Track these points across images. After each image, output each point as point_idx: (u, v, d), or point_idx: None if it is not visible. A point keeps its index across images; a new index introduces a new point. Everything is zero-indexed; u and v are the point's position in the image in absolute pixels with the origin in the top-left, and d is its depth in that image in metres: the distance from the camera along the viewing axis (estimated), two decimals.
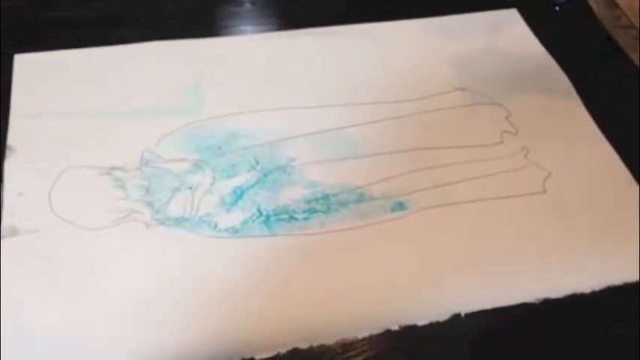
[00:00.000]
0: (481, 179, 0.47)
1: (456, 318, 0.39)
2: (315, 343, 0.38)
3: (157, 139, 0.47)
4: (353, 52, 0.56)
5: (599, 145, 0.51)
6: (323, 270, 0.41)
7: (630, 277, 0.42)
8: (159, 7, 0.59)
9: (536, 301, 0.40)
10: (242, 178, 0.45)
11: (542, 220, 0.45)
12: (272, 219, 0.43)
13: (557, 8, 0.60)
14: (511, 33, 0.60)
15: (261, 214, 0.44)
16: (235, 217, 0.43)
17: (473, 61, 0.57)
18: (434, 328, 0.39)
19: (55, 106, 0.48)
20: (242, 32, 0.58)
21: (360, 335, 0.38)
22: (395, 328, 0.39)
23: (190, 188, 0.45)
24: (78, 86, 0.50)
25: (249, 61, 0.54)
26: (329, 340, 0.38)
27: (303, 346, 0.37)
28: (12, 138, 0.46)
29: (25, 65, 0.51)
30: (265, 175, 0.46)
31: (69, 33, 0.55)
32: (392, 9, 0.60)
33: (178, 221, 0.43)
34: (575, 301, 0.41)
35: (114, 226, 0.42)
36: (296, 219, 0.44)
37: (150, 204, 0.43)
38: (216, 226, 0.43)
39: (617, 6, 0.64)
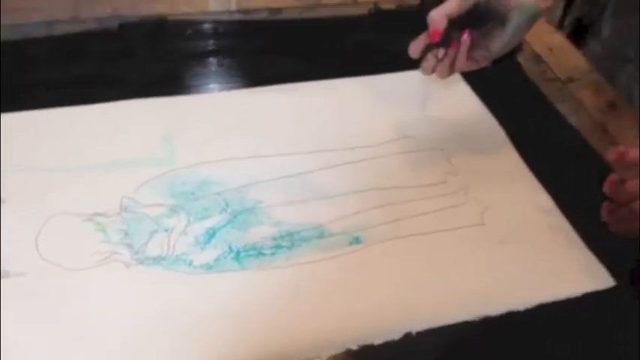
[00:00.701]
0: (427, 214, 0.53)
1: (408, 336, 0.44)
2: None
3: (135, 188, 0.52)
4: (313, 106, 0.63)
5: (528, 181, 0.58)
6: (289, 299, 0.46)
7: (557, 295, 0.48)
8: (130, 69, 0.65)
9: (477, 319, 0.46)
10: (214, 220, 0.50)
11: (482, 248, 0.51)
12: (242, 255, 0.48)
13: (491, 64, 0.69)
14: (449, 87, 0.67)
15: (232, 251, 0.48)
16: (209, 255, 0.48)
17: (417, 113, 0.64)
18: (389, 346, 0.44)
19: (40, 161, 0.53)
20: (210, 90, 0.64)
21: (324, 355, 0.43)
22: (355, 347, 0.43)
23: (166, 230, 0.49)
24: (60, 142, 0.55)
25: (217, 115, 0.60)
26: None
27: None
28: (2, 190, 0.50)
29: (11, 124, 0.56)
30: (235, 217, 0.51)
31: (48, 94, 0.60)
32: (344, 68, 0.67)
33: (156, 260, 0.47)
34: (510, 318, 0.46)
35: (97, 266, 0.46)
36: (264, 254, 0.49)
37: (129, 246, 0.48)
38: (191, 263, 0.47)
39: (542, 61, 0.73)
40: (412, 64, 0.68)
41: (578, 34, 0.86)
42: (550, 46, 0.75)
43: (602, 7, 0.83)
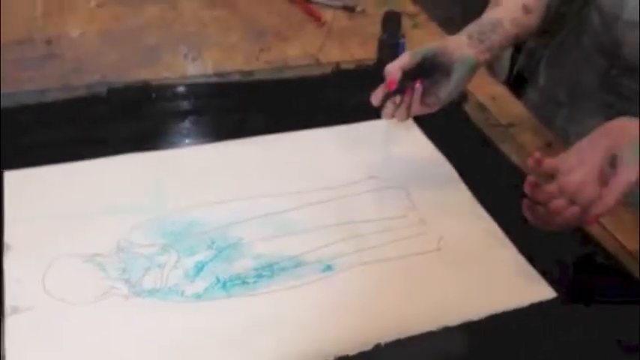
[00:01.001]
0: (391, 244, 0.61)
1: (378, 347, 0.50)
2: None
3: (129, 230, 0.58)
4: (286, 154, 0.71)
5: (477, 212, 0.66)
6: (271, 320, 0.52)
7: (506, 306, 0.55)
8: (119, 129, 0.72)
9: (436, 329, 0.52)
10: (202, 255, 0.57)
11: (439, 269, 0.58)
12: (228, 285, 0.54)
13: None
14: (407, 134, 0.76)
15: (219, 281, 0.54)
16: (198, 286, 0.54)
17: (379, 156, 0.72)
18: (361, 356, 0.50)
19: (41, 210, 0.59)
20: (191, 144, 0.71)
21: None
22: (331, 358, 0.49)
23: (159, 266, 0.55)
24: (60, 194, 0.61)
25: (200, 164, 0.67)
26: None
27: None
28: (8, 238, 0.56)
29: (14, 179, 0.62)
30: (220, 252, 0.57)
31: (44, 153, 0.66)
32: (311, 121, 0.76)
33: (152, 292, 0.53)
34: (468, 326, 0.53)
35: (98, 300, 0.52)
36: (247, 283, 0.55)
37: (127, 281, 0.53)
38: (183, 293, 0.53)
39: (486, 109, 0.83)
40: (371, 115, 0.76)
41: (518, 84, 0.97)
42: (493, 96, 0.85)
43: (538, 60, 0.95)
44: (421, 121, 0.77)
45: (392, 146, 0.75)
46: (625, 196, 0.53)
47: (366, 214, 0.64)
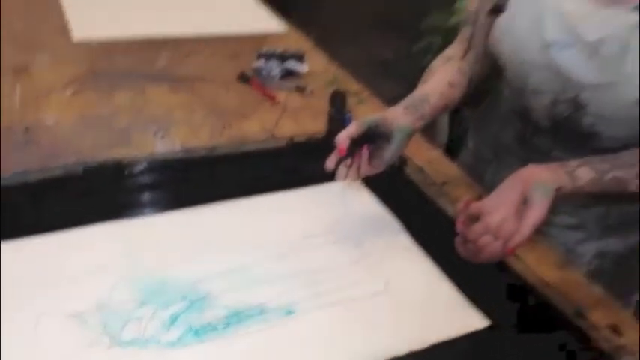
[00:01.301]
0: (344, 288, 0.69)
1: None
2: None
3: (109, 290, 0.65)
4: (249, 215, 0.79)
5: (419, 257, 0.75)
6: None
7: (446, 336, 0.63)
8: (95, 202, 0.79)
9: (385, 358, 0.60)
10: (175, 307, 0.64)
11: (386, 308, 0.67)
12: (200, 332, 0.61)
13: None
14: (356, 194, 0.86)
15: (191, 329, 0.61)
16: (173, 334, 0.61)
17: (333, 214, 0.81)
18: None
19: (30, 276, 0.65)
20: (160, 212, 0.79)
21: None
22: None
23: (138, 319, 0.62)
24: (43, 261, 0.68)
25: (170, 228, 0.75)
26: None
27: None
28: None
29: (4, 250, 0.68)
30: (192, 304, 0.64)
31: (27, 229, 0.73)
32: (270, 189, 0.85)
33: (131, 342, 0.59)
34: (413, 356, 0.61)
35: (83, 351, 0.58)
36: (217, 329, 0.62)
37: (108, 333, 0.60)
38: (159, 341, 0.60)
39: (424, 171, 0.94)
40: (322, 181, 0.86)
41: (454, 148, 1.09)
42: (429, 160, 0.96)
43: (467, 126, 1.08)
44: (369, 183, 0.88)
45: (344, 205, 0.84)
46: (539, 231, 0.65)
47: (321, 264, 0.72)
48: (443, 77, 0.86)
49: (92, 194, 0.81)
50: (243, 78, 1.15)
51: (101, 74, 1.13)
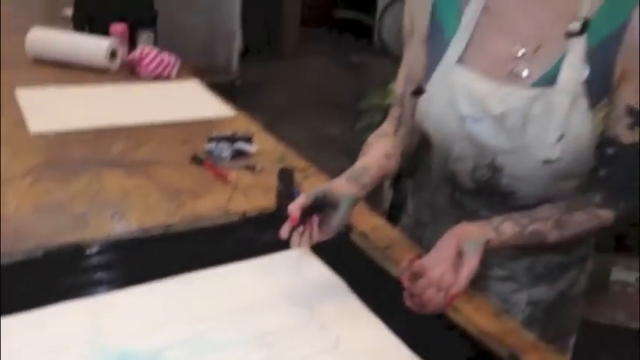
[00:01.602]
0: (298, 346, 0.74)
1: None
2: None
3: None
4: (205, 285, 0.84)
5: (367, 316, 0.81)
6: None
7: None
8: (56, 284, 0.82)
9: None
10: None
11: None
12: None
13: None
14: (306, 261, 0.92)
15: None
16: None
17: (286, 281, 0.87)
18: None
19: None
20: (120, 289, 0.83)
21: None
22: None
23: None
24: (8, 341, 0.71)
25: (133, 303, 0.79)
26: None
27: None
28: None
29: None
30: None
31: None
32: (224, 260, 0.90)
33: None
34: None
35: None
36: None
37: None
38: None
39: (367, 236, 1.01)
40: (273, 251, 0.92)
41: (395, 214, 1.18)
42: (372, 226, 1.04)
43: (405, 193, 1.17)
44: (318, 250, 0.94)
45: (295, 271, 0.90)
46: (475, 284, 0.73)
47: (276, 327, 0.77)
48: (380, 151, 0.96)
49: (53, 276, 0.85)
50: (196, 160, 1.22)
51: (58, 163, 1.18)
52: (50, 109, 1.44)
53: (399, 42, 1.00)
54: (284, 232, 0.81)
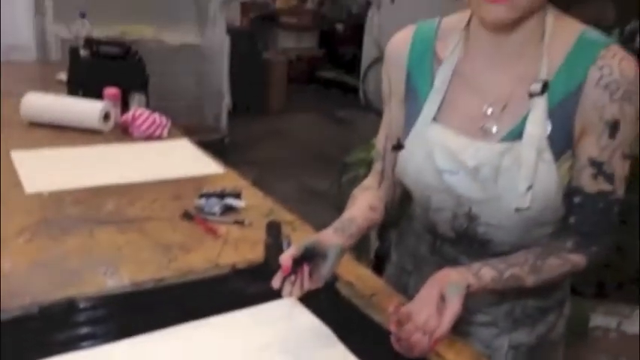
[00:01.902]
0: None
1: None
2: None
3: None
4: (200, 335, 0.87)
5: None
6: None
7: None
8: (48, 338, 0.85)
9: None
10: None
11: None
12: None
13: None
14: (294, 310, 0.95)
15: None
16: None
17: (275, 334, 0.90)
18: None
19: None
20: (114, 342, 0.86)
21: None
22: None
23: None
24: None
25: (121, 356, 0.81)
26: None
27: None
28: None
29: None
30: None
31: None
32: (217, 312, 0.93)
33: None
34: None
35: None
36: None
37: None
38: None
39: (353, 285, 1.05)
40: (263, 301, 0.96)
41: (379, 264, 1.22)
42: (357, 275, 1.08)
43: (389, 243, 1.22)
44: (305, 300, 0.97)
45: (283, 321, 0.93)
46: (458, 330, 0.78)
47: None
48: (365, 203, 1.02)
49: (48, 331, 0.87)
50: (187, 216, 1.26)
51: (52, 221, 1.22)
52: (45, 170, 1.48)
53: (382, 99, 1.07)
54: (276, 282, 0.86)
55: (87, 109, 1.77)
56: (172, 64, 3.76)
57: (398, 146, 0.99)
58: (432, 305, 0.80)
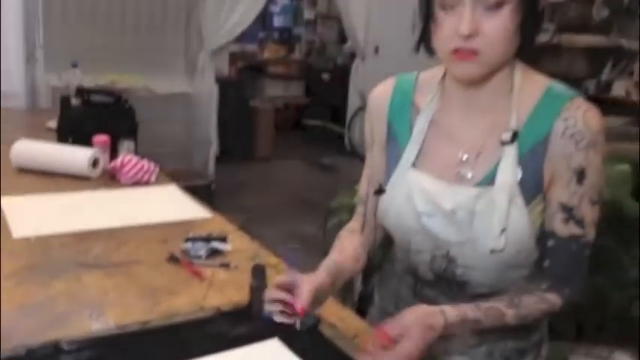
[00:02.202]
0: None
1: None
2: None
3: None
4: None
5: None
6: None
7: None
8: None
9: None
10: None
11: None
12: None
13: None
14: (277, 354, 0.97)
15: None
16: None
17: None
18: None
19: None
20: None
21: None
22: None
23: None
24: None
25: None
26: None
27: None
28: None
29: None
30: None
31: None
32: (200, 352, 0.95)
33: None
34: None
35: None
36: None
37: None
38: None
39: (336, 327, 1.07)
40: (246, 343, 0.97)
41: (363, 306, 1.24)
42: (341, 317, 1.10)
43: (372, 286, 1.24)
44: (289, 340, 0.99)
45: None
46: None
47: None
48: (349, 250, 1.06)
49: None
50: (173, 259, 1.29)
51: (40, 266, 1.23)
52: (33, 215, 1.50)
53: None
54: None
55: (76, 156, 1.81)
56: (162, 112, 3.83)
57: (379, 191, 1.04)
58: (412, 337, 0.83)
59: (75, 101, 2.07)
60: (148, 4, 3.96)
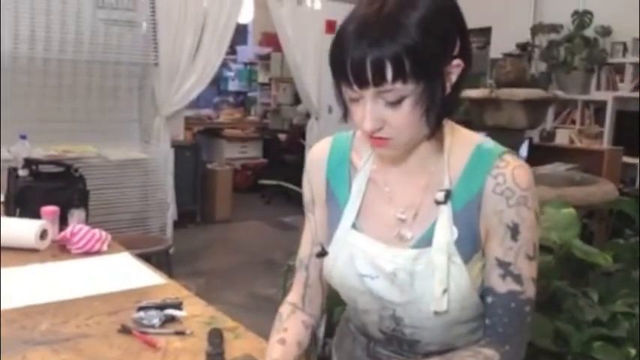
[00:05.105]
0: None
1: None
2: None
3: None
4: None
5: None
6: None
7: None
8: None
9: None
10: None
11: None
12: None
13: None
14: None
15: None
16: None
17: None
18: None
19: None
20: None
21: None
22: None
23: None
24: None
25: None
26: None
27: None
28: None
29: None
30: None
31: None
32: None
33: None
34: None
35: None
36: None
37: None
38: None
39: None
40: None
41: None
42: None
43: (331, 346, 1.22)
44: None
45: None
46: None
47: None
48: (292, 335, 1.04)
49: None
50: (124, 330, 1.24)
51: None
52: None
53: None
54: None
55: (23, 229, 1.75)
56: (117, 178, 3.77)
57: (322, 253, 1.02)
58: None
59: (22, 172, 2.02)
60: (99, 73, 3.97)
